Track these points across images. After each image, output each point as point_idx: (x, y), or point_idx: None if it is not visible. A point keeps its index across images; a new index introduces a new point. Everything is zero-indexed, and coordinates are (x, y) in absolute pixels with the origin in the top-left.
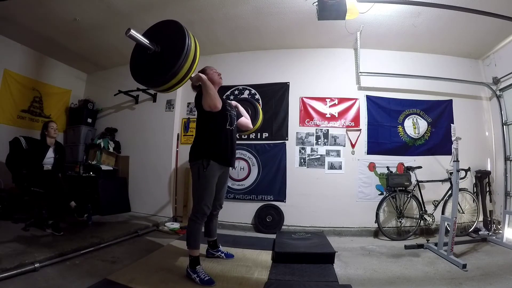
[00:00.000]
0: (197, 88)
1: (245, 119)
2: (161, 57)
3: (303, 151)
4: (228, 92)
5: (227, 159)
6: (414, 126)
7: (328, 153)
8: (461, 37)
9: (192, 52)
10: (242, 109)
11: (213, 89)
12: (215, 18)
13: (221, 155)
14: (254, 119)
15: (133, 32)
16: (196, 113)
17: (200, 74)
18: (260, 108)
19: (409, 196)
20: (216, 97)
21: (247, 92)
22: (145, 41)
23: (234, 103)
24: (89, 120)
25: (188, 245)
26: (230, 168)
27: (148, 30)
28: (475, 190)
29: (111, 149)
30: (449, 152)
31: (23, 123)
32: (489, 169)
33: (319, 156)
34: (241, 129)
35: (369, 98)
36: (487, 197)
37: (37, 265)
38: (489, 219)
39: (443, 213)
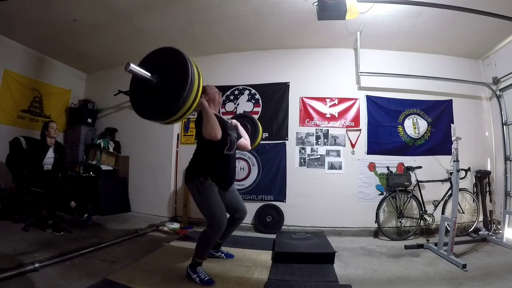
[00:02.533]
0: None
1: (244, 141)
2: (164, 90)
3: (303, 151)
4: (228, 92)
5: (223, 184)
6: (414, 126)
7: (328, 153)
8: (461, 37)
9: (196, 82)
10: (241, 129)
11: (213, 118)
12: (215, 18)
13: (217, 180)
14: (253, 135)
15: (132, 66)
16: (196, 113)
17: (202, 100)
18: (259, 124)
19: (409, 196)
20: (216, 126)
21: (247, 92)
22: (146, 74)
23: (234, 122)
24: (89, 120)
25: (197, 255)
26: None
27: (145, 58)
28: (475, 190)
29: (111, 149)
30: (449, 152)
31: (23, 123)
32: (489, 169)
33: (319, 156)
34: (239, 149)
35: (369, 98)
36: (487, 197)
37: (37, 265)
38: (489, 219)
39: (443, 213)
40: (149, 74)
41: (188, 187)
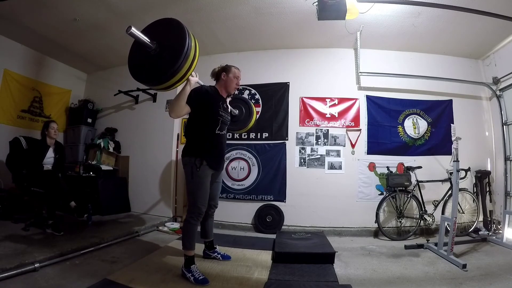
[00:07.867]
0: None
1: None
2: (161, 56)
3: (303, 151)
4: None
5: (216, 164)
6: (414, 126)
7: (328, 153)
8: (461, 37)
9: (192, 52)
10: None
11: (181, 101)
12: (214, 18)
13: (210, 159)
14: (247, 118)
15: (133, 30)
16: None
17: (190, 78)
18: (254, 108)
19: (409, 196)
20: (177, 110)
21: (247, 92)
22: (145, 39)
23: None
24: (89, 120)
25: (183, 246)
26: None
27: (147, 27)
28: (475, 190)
29: (111, 149)
30: (449, 152)
31: (23, 123)
32: (489, 169)
33: (319, 156)
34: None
35: (369, 98)
36: (487, 197)
37: (37, 265)
38: (489, 219)
39: (443, 213)
40: (148, 40)
41: (183, 164)
